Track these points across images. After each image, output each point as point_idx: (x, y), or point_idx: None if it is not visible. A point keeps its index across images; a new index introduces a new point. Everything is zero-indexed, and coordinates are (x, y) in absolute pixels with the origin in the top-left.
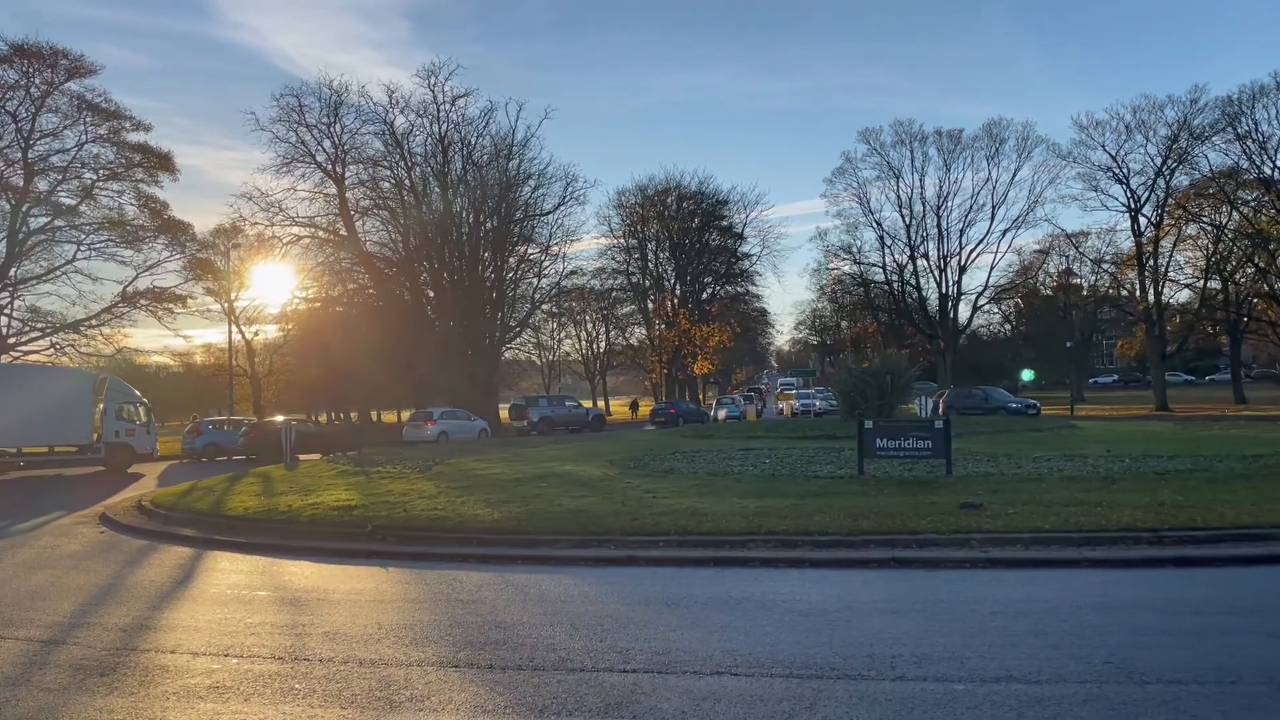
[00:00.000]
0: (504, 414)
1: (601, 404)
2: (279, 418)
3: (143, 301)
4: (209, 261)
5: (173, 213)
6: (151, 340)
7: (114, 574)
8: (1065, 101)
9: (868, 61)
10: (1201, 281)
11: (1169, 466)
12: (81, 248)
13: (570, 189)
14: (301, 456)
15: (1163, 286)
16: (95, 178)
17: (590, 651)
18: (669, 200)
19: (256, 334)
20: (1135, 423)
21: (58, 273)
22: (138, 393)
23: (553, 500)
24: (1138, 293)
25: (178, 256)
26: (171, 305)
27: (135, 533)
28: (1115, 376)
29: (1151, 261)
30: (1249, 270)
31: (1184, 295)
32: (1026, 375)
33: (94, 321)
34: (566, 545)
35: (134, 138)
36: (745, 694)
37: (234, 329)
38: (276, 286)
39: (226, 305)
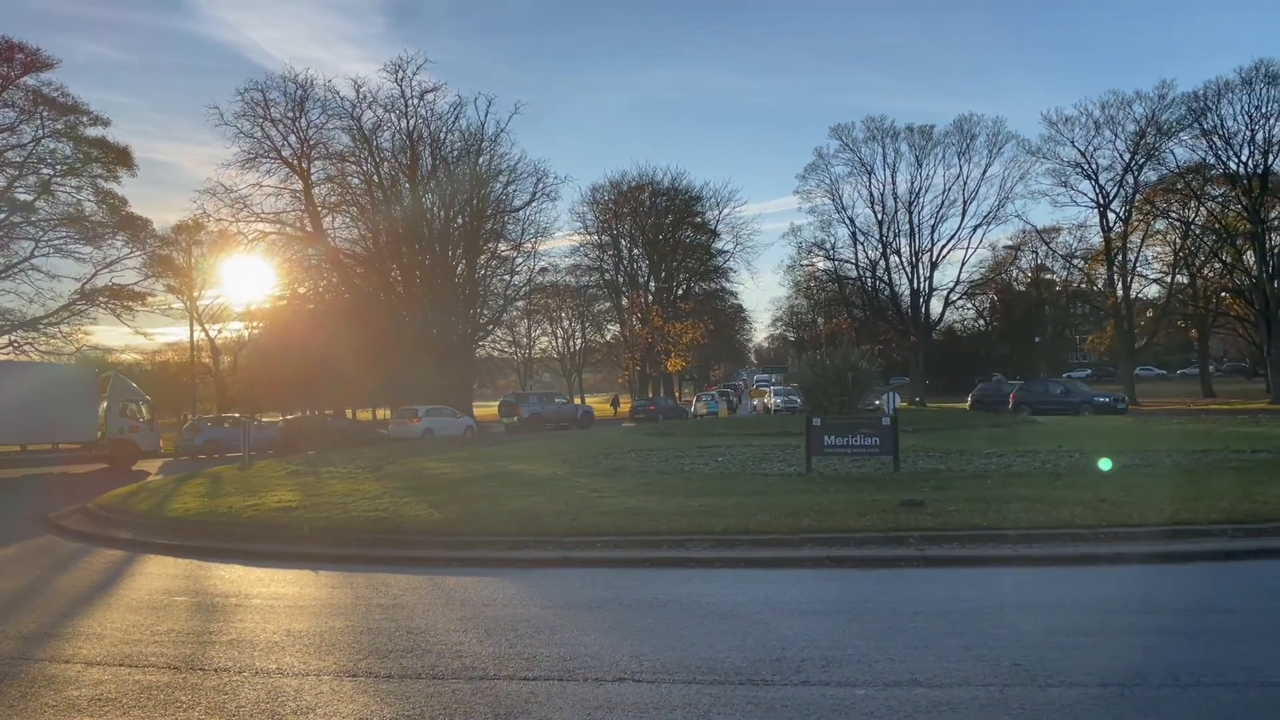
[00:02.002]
0: (490, 411)
1: (578, 401)
2: (283, 417)
3: (101, 299)
4: (169, 258)
5: (131, 208)
6: (116, 338)
7: (36, 579)
8: (1036, 97)
9: (842, 57)
10: (1170, 276)
11: (1116, 462)
12: (39, 244)
13: (541, 185)
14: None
15: (1132, 281)
16: (53, 173)
17: (496, 658)
18: (643, 197)
19: (220, 331)
20: (1096, 417)
21: (15, 270)
22: (139, 389)
23: (497, 500)
24: (1107, 288)
25: (137, 253)
26: (131, 303)
27: (73, 535)
28: (1088, 371)
29: (1120, 257)
30: (1216, 265)
31: (1153, 290)
32: None
33: (52, 319)
34: (504, 547)
35: (92, 132)
36: (642, 702)
37: (197, 327)
38: (241, 283)
39: (188, 303)
